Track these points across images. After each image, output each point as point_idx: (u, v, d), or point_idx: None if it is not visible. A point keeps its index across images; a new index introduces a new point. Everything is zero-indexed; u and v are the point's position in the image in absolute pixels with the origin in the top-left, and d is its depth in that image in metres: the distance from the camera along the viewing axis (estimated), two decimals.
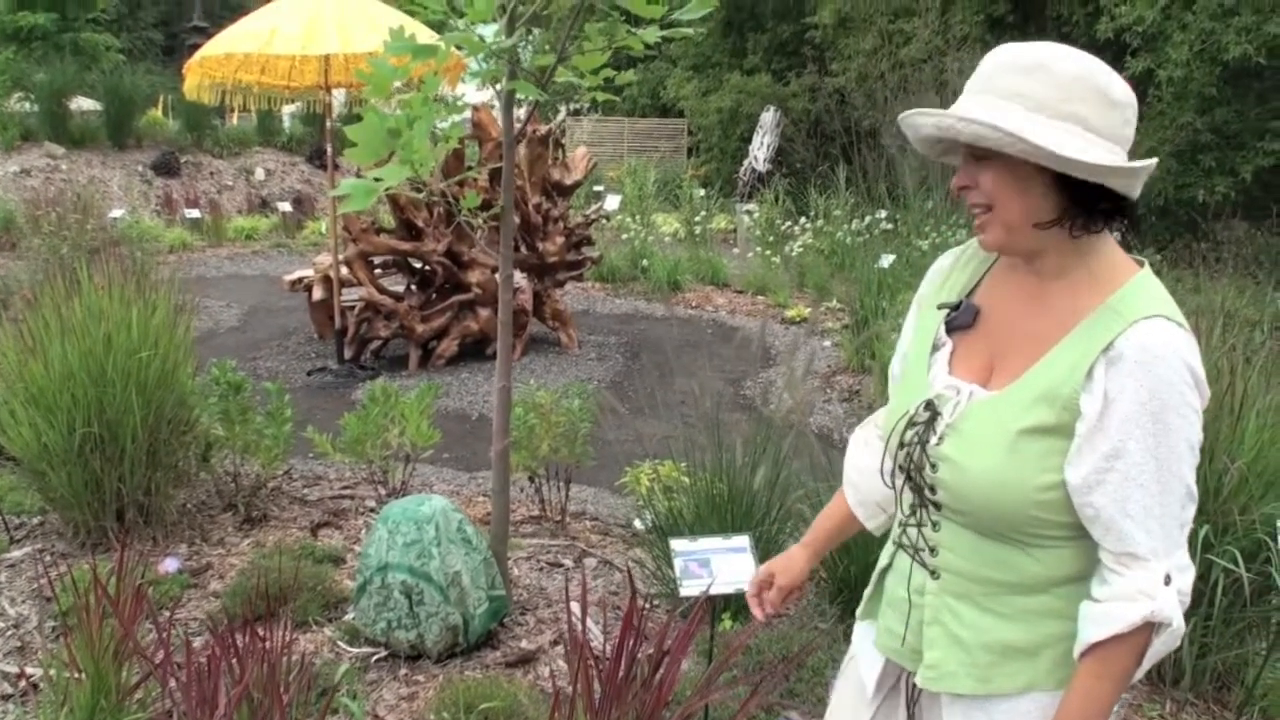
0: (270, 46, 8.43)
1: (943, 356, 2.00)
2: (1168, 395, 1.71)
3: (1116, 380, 1.73)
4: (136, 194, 19.29)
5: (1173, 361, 1.72)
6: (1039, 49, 1.80)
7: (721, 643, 3.81)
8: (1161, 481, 1.73)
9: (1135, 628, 1.74)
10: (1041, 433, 1.79)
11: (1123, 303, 1.78)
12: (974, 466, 1.85)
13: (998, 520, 1.85)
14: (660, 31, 3.66)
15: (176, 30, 38.48)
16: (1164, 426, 1.72)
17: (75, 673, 3.46)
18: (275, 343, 10.66)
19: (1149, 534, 1.74)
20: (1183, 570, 1.77)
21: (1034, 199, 1.79)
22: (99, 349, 4.90)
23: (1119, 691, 1.80)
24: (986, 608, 1.91)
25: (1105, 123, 1.76)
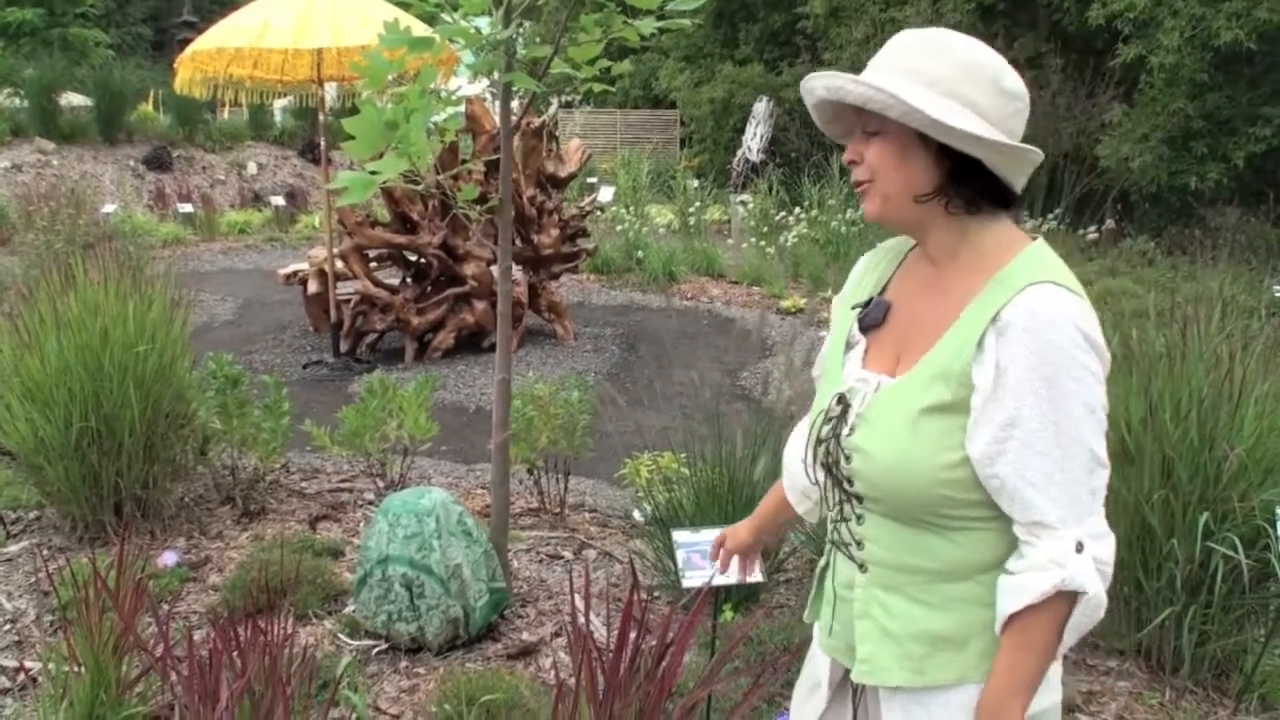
0: (263, 40, 8.42)
1: (856, 354, 2.02)
2: (1059, 359, 1.72)
3: (1006, 349, 1.74)
4: (129, 189, 19.28)
5: (1062, 325, 1.73)
6: (943, 33, 1.86)
7: (724, 634, 3.81)
8: (1061, 447, 1.73)
9: (1048, 597, 1.72)
10: (940, 411, 1.81)
11: (1010, 275, 1.80)
12: (880, 452, 1.86)
13: (911, 504, 1.85)
14: (656, 23, 3.66)
15: (166, 25, 38.41)
16: (1058, 391, 1.72)
17: (75, 667, 3.46)
18: (270, 336, 10.65)
19: (1054, 501, 1.73)
20: (1097, 538, 1.75)
21: (915, 172, 1.84)
22: (96, 343, 4.89)
23: (1043, 664, 1.79)
24: (915, 598, 1.90)
25: (994, 108, 1.80)
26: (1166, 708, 3.85)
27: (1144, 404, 4.00)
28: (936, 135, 1.77)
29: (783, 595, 4.62)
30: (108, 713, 3.44)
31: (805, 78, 1.92)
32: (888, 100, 1.76)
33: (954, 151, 1.80)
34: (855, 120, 1.91)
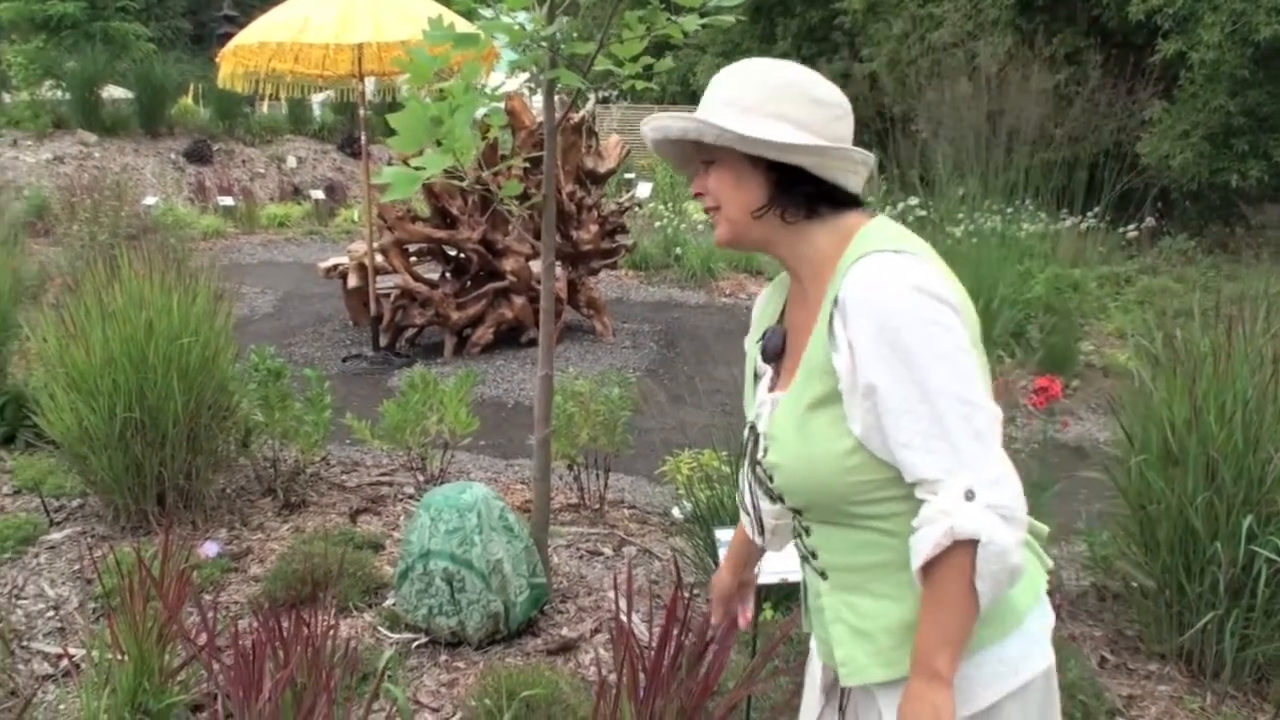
0: (304, 35, 8.46)
1: (764, 383, 2.09)
2: (896, 320, 1.74)
3: (850, 327, 1.78)
4: (169, 181, 19.39)
5: (891, 286, 1.77)
6: (754, 62, 2.00)
7: (764, 633, 3.80)
8: (927, 402, 1.74)
9: (944, 549, 1.72)
10: (819, 405, 1.86)
11: (846, 259, 1.87)
12: (787, 462, 1.92)
13: (831, 503, 1.90)
14: (700, 19, 3.65)
15: (205, 19, 38.64)
16: (905, 350, 1.74)
17: (118, 654, 3.48)
18: (310, 329, 10.71)
19: (933, 454, 1.74)
20: (992, 483, 1.73)
21: (749, 191, 1.94)
22: (140, 335, 4.93)
23: (963, 618, 1.77)
24: (877, 593, 1.92)
25: (812, 119, 1.91)
26: (1207, 712, 3.82)
27: (1188, 406, 3.97)
28: (750, 150, 1.88)
29: None
30: (150, 700, 3.47)
31: (641, 125, 2.06)
32: (701, 127, 1.89)
33: (779, 164, 1.90)
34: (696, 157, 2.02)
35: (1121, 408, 4.41)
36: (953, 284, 1.85)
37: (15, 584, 4.66)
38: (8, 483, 5.79)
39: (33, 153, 18.64)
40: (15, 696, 3.76)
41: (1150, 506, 4.09)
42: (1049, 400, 4.56)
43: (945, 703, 1.78)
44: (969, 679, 1.86)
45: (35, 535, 5.10)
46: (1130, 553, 4.23)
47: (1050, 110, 12.80)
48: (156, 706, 3.46)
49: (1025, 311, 8.48)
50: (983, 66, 15.00)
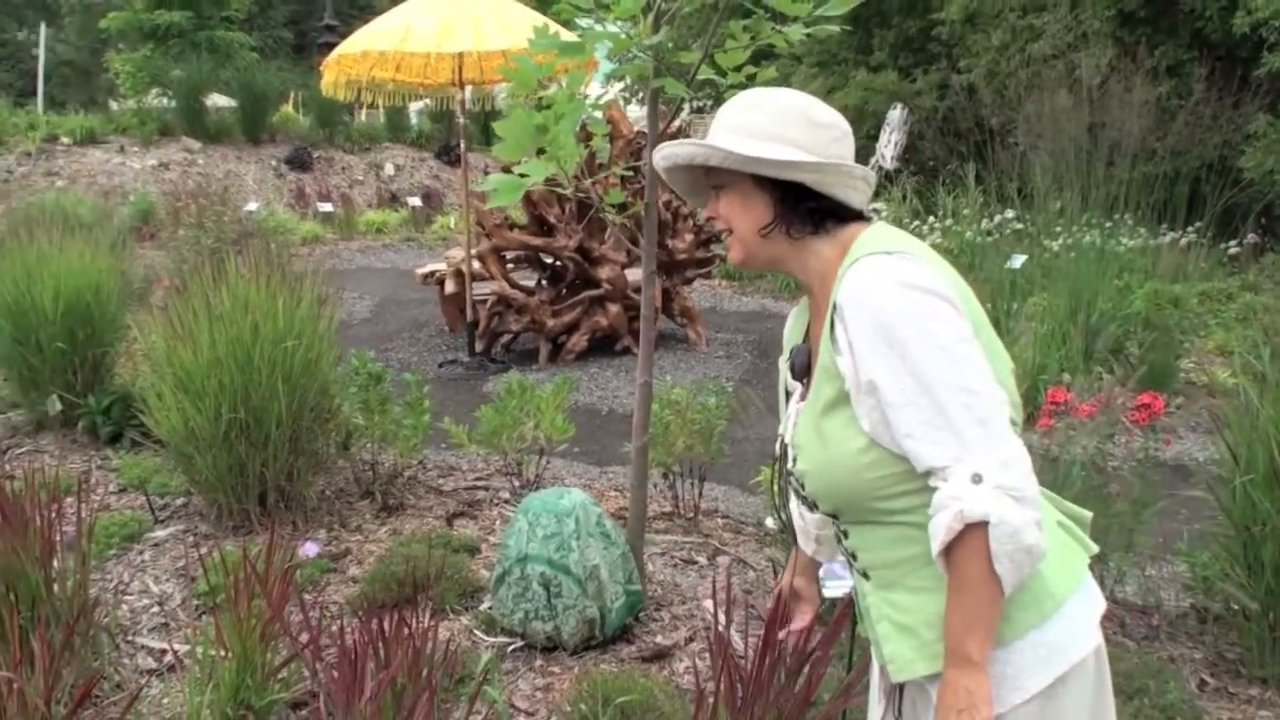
0: (406, 44, 8.58)
1: (794, 399, 2.17)
2: (888, 317, 1.82)
3: (849, 329, 1.86)
4: (270, 188, 19.72)
5: (880, 285, 1.85)
6: (757, 91, 2.11)
7: (861, 646, 3.78)
8: (927, 393, 1.79)
9: (957, 533, 1.76)
10: (831, 408, 1.93)
11: (843, 266, 1.95)
12: (811, 467, 2.00)
13: (858, 502, 1.95)
14: (804, 29, 3.65)
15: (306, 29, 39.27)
16: (900, 344, 1.80)
17: (221, 651, 3.54)
18: (406, 334, 10.83)
19: (939, 444, 1.79)
20: (1002, 465, 1.77)
21: (756, 211, 2.04)
22: (246, 337, 5.01)
23: (987, 601, 1.81)
24: (914, 587, 1.96)
25: (812, 141, 2.01)
26: None
27: None
28: (754, 170, 2.00)
29: None
30: (252, 697, 3.52)
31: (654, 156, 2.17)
32: (707, 151, 2.01)
33: (782, 183, 2.00)
34: (706, 184, 2.14)
35: (1226, 426, 4.33)
36: (949, 278, 1.92)
37: (121, 580, 4.77)
38: (114, 480, 5.92)
39: (139, 159, 19.07)
40: (121, 690, 3.84)
41: (1255, 528, 4.02)
42: (1150, 417, 4.49)
43: (979, 687, 1.83)
44: (1015, 666, 1.90)
45: (140, 532, 5.21)
46: (1233, 574, 4.15)
47: (1152, 123, 12.60)
48: (258, 703, 3.51)
49: (1124, 327, 8.35)
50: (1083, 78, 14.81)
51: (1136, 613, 4.46)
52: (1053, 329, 8.12)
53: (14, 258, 6.61)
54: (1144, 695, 3.62)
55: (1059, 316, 8.29)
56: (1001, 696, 1.88)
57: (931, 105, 21.88)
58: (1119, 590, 4.48)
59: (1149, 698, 3.61)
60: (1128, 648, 4.14)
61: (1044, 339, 7.97)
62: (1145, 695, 3.62)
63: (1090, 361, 7.49)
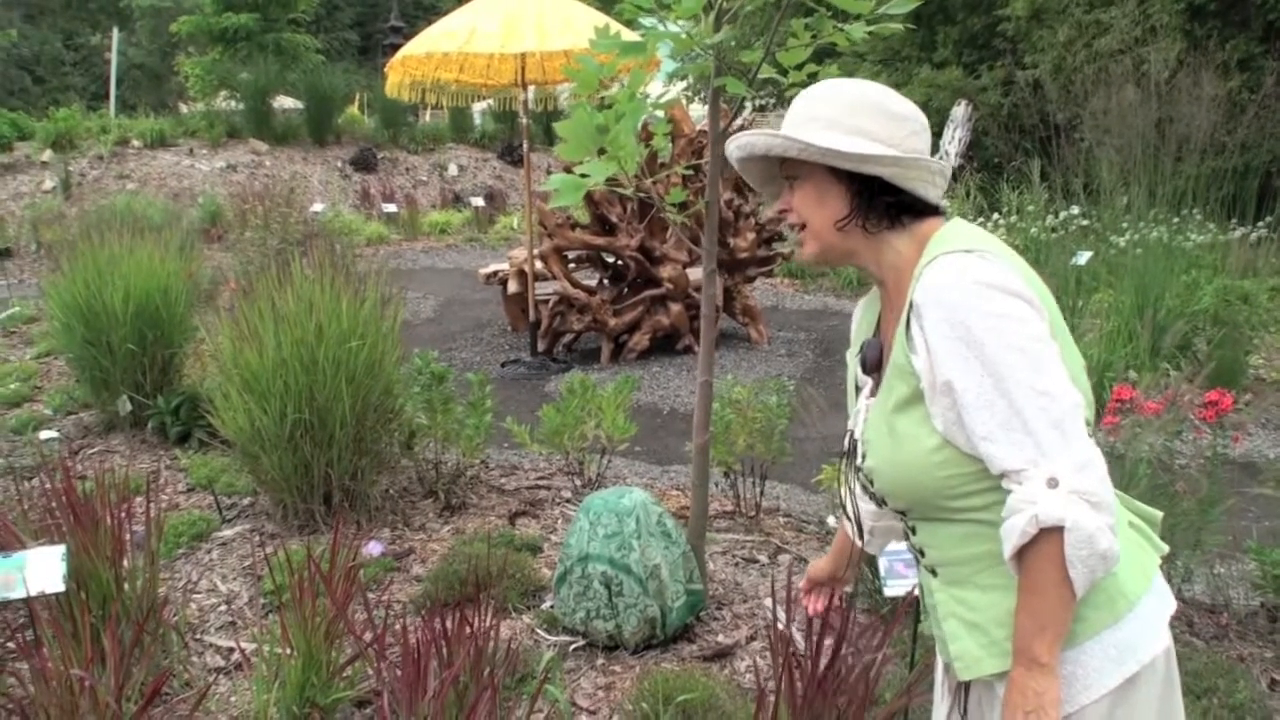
0: (470, 45, 8.61)
1: (864, 393, 2.14)
2: (966, 316, 1.80)
3: (925, 328, 1.85)
4: (335, 189, 19.90)
5: (958, 284, 1.83)
6: (833, 81, 2.07)
7: (923, 645, 3.76)
8: (1005, 395, 1.78)
9: (1031, 537, 1.76)
10: (904, 407, 1.92)
11: (920, 264, 1.94)
12: (882, 464, 1.99)
13: (927, 500, 1.95)
14: (867, 27, 3.63)
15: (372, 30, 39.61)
16: (976, 345, 1.80)
17: (287, 649, 3.58)
18: (469, 334, 10.88)
19: (1015, 446, 1.78)
20: (1078, 469, 1.76)
21: (832, 204, 2.02)
22: (310, 338, 5.06)
23: (1058, 604, 1.80)
24: (984, 584, 1.95)
25: (888, 133, 1.99)
26: None
27: None
28: (832, 162, 1.98)
29: None
30: (318, 695, 3.56)
31: (726, 144, 2.16)
32: (785, 143, 1.99)
33: (859, 176, 1.99)
34: (780, 176, 2.13)
35: None
36: (1026, 275, 1.89)
37: (190, 578, 4.83)
38: (183, 480, 6.01)
39: (207, 161, 19.31)
40: (190, 687, 3.90)
41: None
42: (1219, 414, 4.43)
43: (1047, 688, 1.82)
44: (1086, 666, 1.89)
45: (208, 531, 5.28)
46: None
47: (1222, 118, 12.43)
48: (324, 701, 3.55)
49: (1192, 324, 8.25)
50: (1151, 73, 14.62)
51: (1205, 612, 4.41)
52: (1119, 326, 8.03)
53: (86, 260, 6.72)
54: (1213, 694, 3.59)
55: (1125, 313, 8.20)
56: (1072, 696, 1.87)
57: (996, 101, 21.69)
58: (1187, 589, 4.43)
59: (1218, 697, 3.58)
60: (1197, 647, 4.09)
61: (1110, 336, 7.89)
62: (1214, 694, 3.59)
63: (1157, 358, 7.40)
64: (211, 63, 23.72)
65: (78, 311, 6.65)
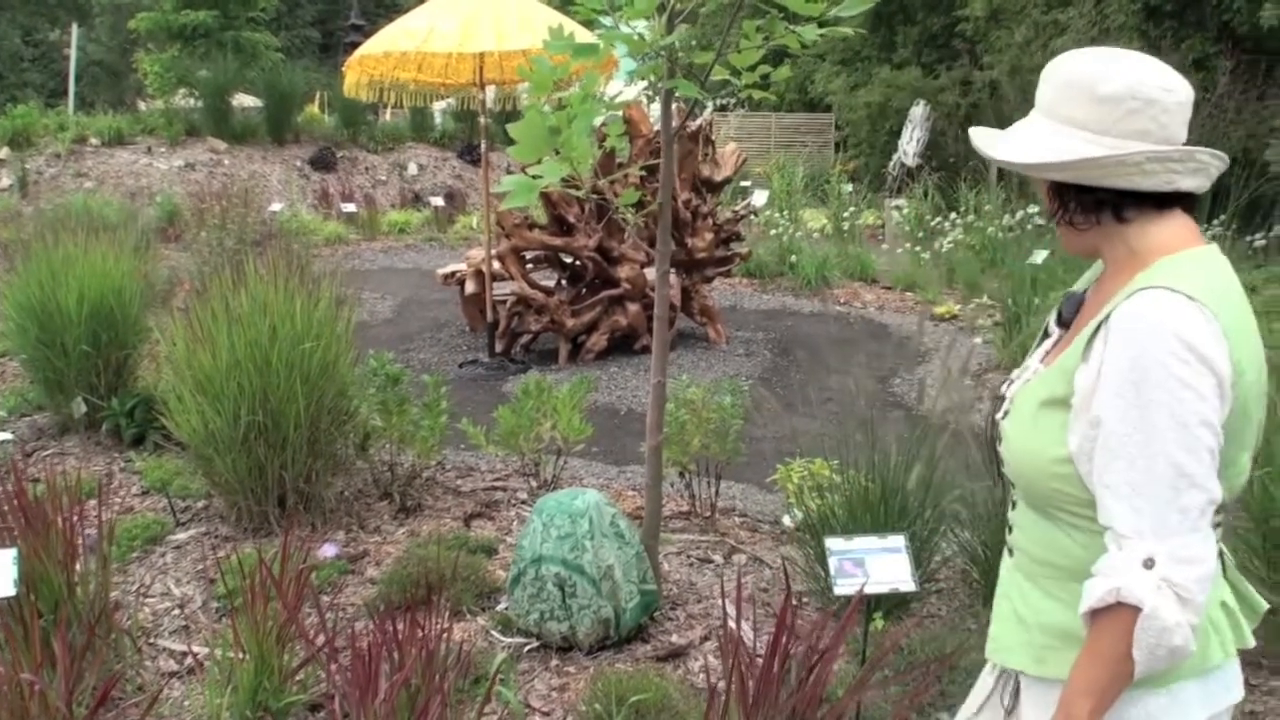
0: (428, 44, 8.59)
1: (1045, 345, 2.08)
2: (1151, 367, 1.70)
3: (1107, 352, 1.76)
4: (294, 188, 19.82)
5: (1161, 333, 1.71)
6: (1058, 60, 1.94)
7: (874, 642, 3.79)
8: (1147, 456, 1.70)
9: (1108, 605, 1.71)
10: (1053, 405, 1.87)
11: (1141, 279, 1.81)
12: (1012, 438, 1.96)
13: (1035, 492, 1.94)
14: (819, 29, 3.64)
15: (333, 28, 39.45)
16: (1146, 399, 1.70)
17: (239, 653, 3.57)
18: (427, 335, 10.86)
19: (1133, 511, 1.71)
20: (1178, 562, 1.68)
21: (1052, 201, 1.96)
22: (264, 339, 5.05)
23: (1112, 675, 1.75)
24: (1049, 592, 1.95)
25: (1095, 119, 1.84)
26: None
27: None
28: (1017, 170, 1.93)
29: (934, 605, 4.58)
30: (270, 699, 3.56)
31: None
32: (994, 157, 1.94)
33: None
34: None
35: None
36: (1239, 343, 1.77)
37: (143, 582, 4.81)
38: (137, 483, 5.97)
39: (165, 160, 19.20)
40: (143, 692, 3.88)
41: (1275, 520, 4.02)
42: None
43: None
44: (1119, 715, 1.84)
45: (162, 535, 5.25)
46: (1252, 567, 4.14)
47: None
48: (276, 705, 3.55)
49: None
50: None
51: None
52: None
53: (40, 260, 6.66)
54: None
55: None
56: None
57: (954, 102, 21.86)
58: None
59: None
60: None
61: None
62: None
63: None
64: (170, 60, 23.60)
65: (32, 312, 6.59)
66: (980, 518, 4.44)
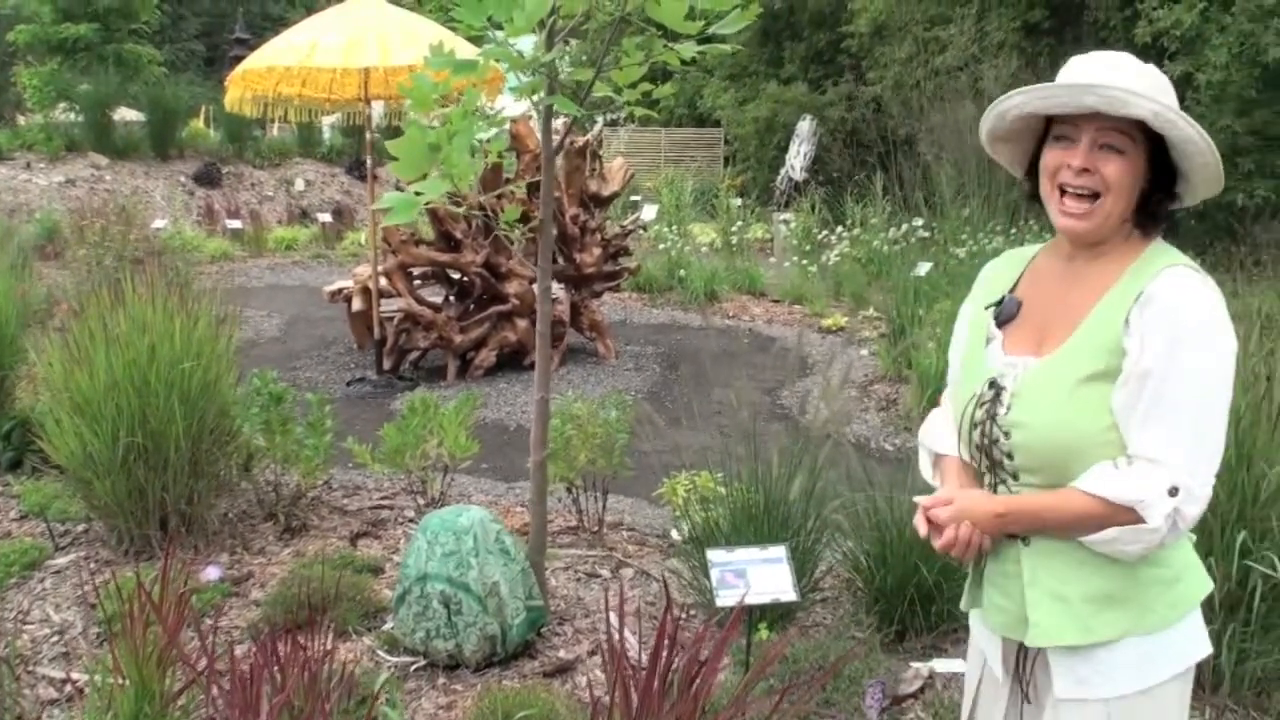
0: (311, 59, 8.52)
1: (996, 345, 2.22)
2: (1197, 330, 1.95)
3: (1151, 319, 1.96)
4: (179, 204, 19.50)
5: (1200, 302, 1.97)
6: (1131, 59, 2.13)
7: (758, 652, 3.83)
8: (1196, 402, 1.93)
9: (1114, 500, 1.95)
10: (1097, 379, 2.00)
11: (1148, 262, 2.06)
12: (1040, 422, 2.05)
13: (1069, 464, 2.03)
14: (697, 47, 3.69)
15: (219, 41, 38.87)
16: (1194, 356, 1.93)
17: (119, 679, 3.51)
18: (315, 353, 10.75)
19: (1171, 443, 1.92)
20: (1193, 500, 1.93)
21: (1135, 195, 2.07)
22: (143, 359, 4.96)
23: (1057, 529, 2.05)
24: (1080, 559, 2.06)
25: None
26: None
27: None
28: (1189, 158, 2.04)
29: (820, 614, 4.64)
30: None
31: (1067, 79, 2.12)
32: (1174, 119, 1.98)
33: (1163, 168, 2.07)
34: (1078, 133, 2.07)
35: None
36: None
37: (21, 609, 4.70)
38: (15, 507, 5.83)
39: (45, 175, 18.78)
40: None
41: None
42: None
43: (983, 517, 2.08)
44: (1150, 656, 2.06)
45: (41, 560, 5.13)
46: None
47: None
48: None
49: None
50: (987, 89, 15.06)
51: None
52: None
53: None
54: None
55: None
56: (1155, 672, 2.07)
57: (840, 117, 22.16)
58: None
59: None
60: None
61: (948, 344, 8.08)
62: None
63: None
64: (50, 73, 23.07)
65: None
66: (862, 526, 4.51)
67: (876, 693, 3.75)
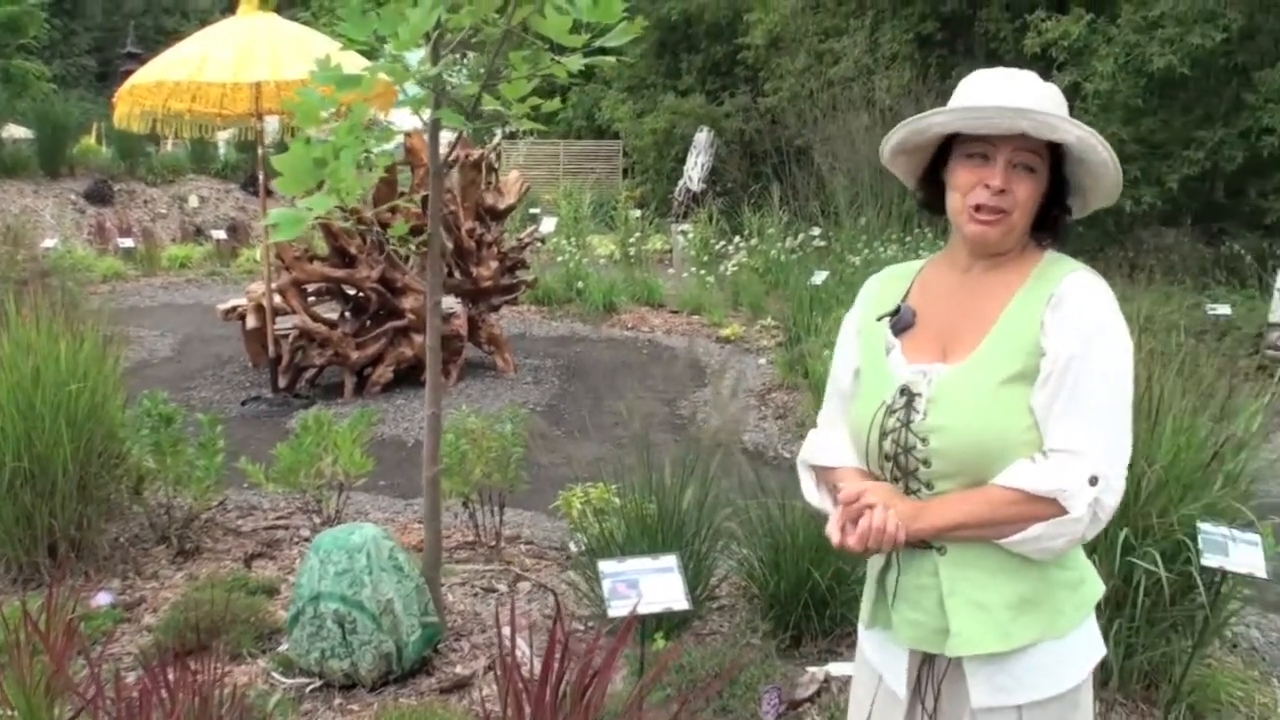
0: (201, 74, 8.41)
1: (896, 355, 2.24)
2: (1106, 327, 2.05)
3: (1064, 319, 2.05)
4: (69, 223, 19.14)
5: (1104, 300, 2.08)
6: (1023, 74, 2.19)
7: (653, 661, 3.85)
8: (1109, 395, 2.02)
9: (1038, 496, 2.00)
10: (1016, 380, 2.07)
11: (1048, 270, 2.15)
12: (962, 425, 2.08)
13: (988, 469, 2.06)
14: (585, 59, 3.70)
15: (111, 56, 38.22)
16: (1107, 352, 2.02)
17: (7, 709, 3.45)
18: (210, 372, 10.60)
19: (1089, 435, 1.99)
20: (1111, 491, 2.01)
21: (1036, 202, 2.15)
22: (27, 383, 4.87)
23: (977, 525, 2.06)
24: (996, 566, 2.10)
25: None
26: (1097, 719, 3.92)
27: None
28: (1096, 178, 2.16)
29: (716, 621, 4.67)
30: None
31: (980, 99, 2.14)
32: (1095, 145, 2.09)
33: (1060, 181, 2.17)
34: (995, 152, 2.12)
35: None
36: None
37: None
38: None
39: None
40: None
41: None
42: None
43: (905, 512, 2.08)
44: (1061, 660, 2.12)
45: None
46: None
47: None
48: None
49: None
50: (879, 100, 15.28)
51: None
52: None
53: None
54: None
55: None
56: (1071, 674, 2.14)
57: (737, 128, 22.32)
58: None
59: None
60: None
61: None
62: None
63: None
64: None
65: None
66: (755, 533, 4.56)
67: (773, 698, 3.79)
